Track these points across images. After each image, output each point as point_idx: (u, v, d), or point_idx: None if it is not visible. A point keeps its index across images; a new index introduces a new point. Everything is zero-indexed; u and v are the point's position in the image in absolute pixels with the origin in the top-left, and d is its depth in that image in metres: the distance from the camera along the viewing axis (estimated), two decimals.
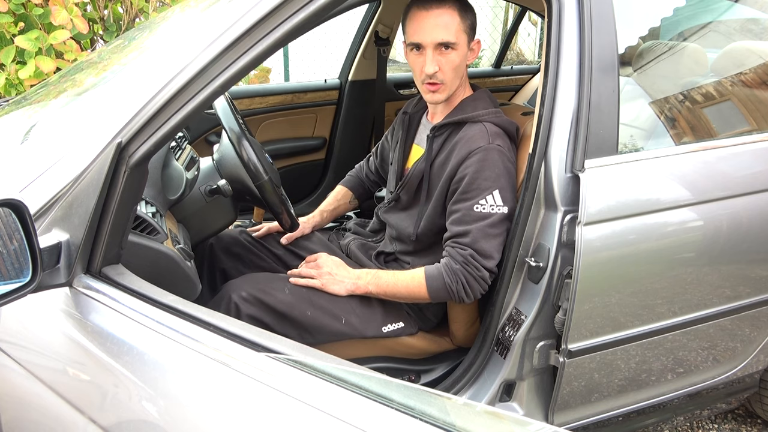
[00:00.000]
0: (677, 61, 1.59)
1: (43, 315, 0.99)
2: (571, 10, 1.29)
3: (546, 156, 1.30)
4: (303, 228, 1.76)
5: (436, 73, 1.40)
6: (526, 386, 1.44)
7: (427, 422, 0.70)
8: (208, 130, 2.61)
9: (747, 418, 2.10)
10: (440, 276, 1.40)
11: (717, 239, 1.42)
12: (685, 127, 1.49)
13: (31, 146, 1.15)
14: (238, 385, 0.81)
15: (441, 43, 1.37)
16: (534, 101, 1.73)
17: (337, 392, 0.76)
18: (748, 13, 1.82)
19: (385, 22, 2.68)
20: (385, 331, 1.51)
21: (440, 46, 1.38)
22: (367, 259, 1.65)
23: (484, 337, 1.44)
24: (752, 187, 1.45)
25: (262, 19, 0.99)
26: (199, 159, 1.64)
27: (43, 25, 2.98)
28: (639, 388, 1.54)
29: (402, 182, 1.57)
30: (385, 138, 1.82)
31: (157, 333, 0.89)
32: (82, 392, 0.93)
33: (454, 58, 1.40)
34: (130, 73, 1.22)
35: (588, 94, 1.27)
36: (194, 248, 1.52)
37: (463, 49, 1.41)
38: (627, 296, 1.37)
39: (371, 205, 1.98)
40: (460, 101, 1.50)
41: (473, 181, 1.38)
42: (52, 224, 0.96)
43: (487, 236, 1.37)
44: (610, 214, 1.29)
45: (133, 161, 0.97)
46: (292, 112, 2.81)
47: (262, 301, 1.39)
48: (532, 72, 3.31)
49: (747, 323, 1.59)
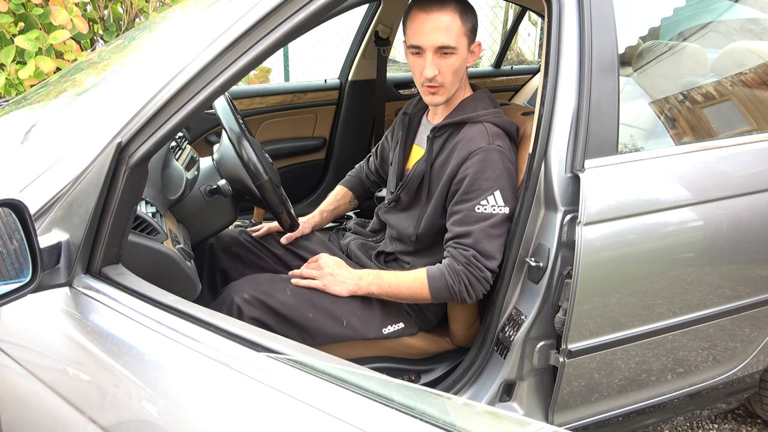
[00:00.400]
0: (677, 61, 1.59)
1: (43, 315, 0.99)
2: (571, 10, 1.29)
3: (546, 156, 1.30)
4: (303, 228, 1.76)
5: (436, 76, 1.39)
6: (526, 386, 1.44)
7: (427, 422, 0.70)
8: (208, 130, 2.61)
9: (747, 418, 2.10)
10: (442, 277, 1.40)
11: (717, 239, 1.42)
12: (685, 127, 1.49)
13: (31, 146, 1.15)
14: (238, 385, 0.81)
15: (441, 47, 1.36)
16: (534, 101, 1.73)
17: (338, 392, 0.76)
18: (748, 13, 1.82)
19: (385, 22, 2.68)
20: (385, 333, 1.51)
21: (440, 49, 1.37)
22: (367, 259, 1.65)
23: (484, 337, 1.44)
24: (752, 187, 1.45)
25: (262, 19, 0.99)
26: (199, 159, 1.64)
27: (43, 25, 2.98)
28: (639, 388, 1.54)
29: (402, 183, 1.57)
30: (385, 138, 1.82)
31: (157, 333, 0.88)
32: (82, 392, 0.93)
33: (454, 62, 1.39)
34: (130, 74, 1.22)
35: (588, 94, 1.27)
36: (194, 248, 1.52)
37: (464, 53, 1.40)
38: (627, 296, 1.37)
39: (371, 205, 1.98)
40: (460, 102, 1.50)
41: (474, 181, 1.38)
42: (52, 224, 0.96)
43: (489, 237, 1.37)
44: (610, 214, 1.29)
45: (133, 161, 0.97)
46: (292, 112, 2.81)
47: (264, 302, 1.39)
48: (532, 72, 3.31)
49: (747, 323, 1.59)
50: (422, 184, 1.52)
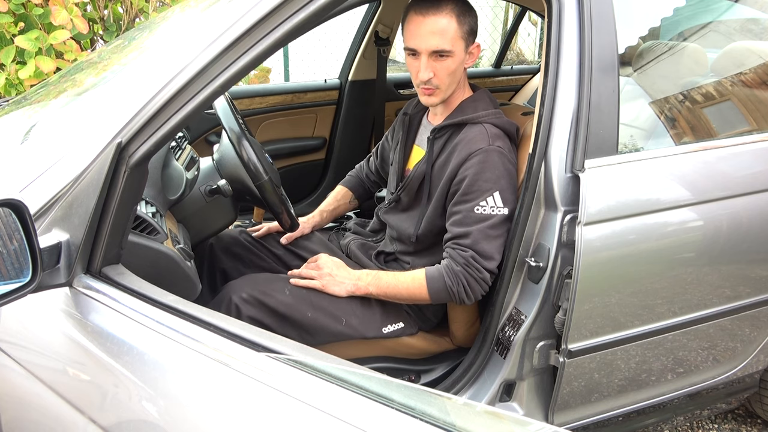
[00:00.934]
0: (677, 61, 1.59)
1: (43, 315, 0.99)
2: (571, 10, 1.29)
3: (546, 156, 1.30)
4: (303, 228, 1.76)
5: (431, 79, 1.39)
6: (526, 386, 1.44)
7: (427, 422, 0.70)
8: (208, 130, 2.61)
9: (747, 418, 2.10)
10: (441, 277, 1.40)
11: (717, 239, 1.42)
12: (685, 127, 1.49)
13: (31, 146, 1.15)
14: (238, 385, 0.81)
15: (436, 51, 1.36)
16: (534, 101, 1.73)
17: (338, 392, 0.76)
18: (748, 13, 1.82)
19: (385, 22, 2.68)
20: (385, 332, 1.51)
21: (435, 53, 1.36)
22: (367, 258, 1.65)
23: (484, 337, 1.44)
24: (752, 187, 1.45)
25: (262, 19, 0.99)
26: (199, 159, 1.64)
27: (43, 25, 2.98)
28: (639, 388, 1.54)
29: (403, 184, 1.57)
30: (386, 138, 1.82)
31: (157, 333, 0.88)
32: (82, 392, 0.93)
33: (450, 65, 1.39)
34: (130, 74, 1.22)
35: (588, 94, 1.27)
36: (194, 248, 1.52)
37: (460, 56, 1.40)
38: (627, 296, 1.37)
39: (371, 205, 1.98)
40: (460, 102, 1.50)
41: (474, 182, 1.38)
42: (52, 224, 0.96)
43: (487, 237, 1.37)
44: (610, 214, 1.29)
45: (133, 161, 0.97)
46: (292, 112, 2.81)
47: (262, 302, 1.39)
48: (532, 72, 3.31)
49: (747, 323, 1.59)
50: (423, 185, 1.52)
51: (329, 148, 2.95)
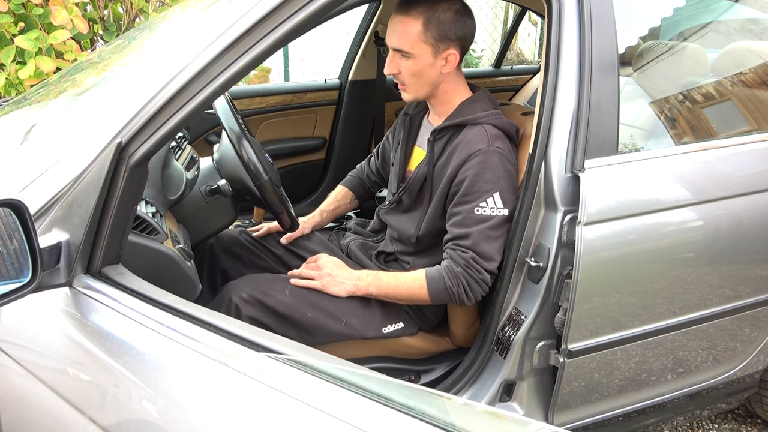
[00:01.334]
0: (677, 61, 1.59)
1: (43, 315, 0.99)
2: (571, 10, 1.29)
3: (546, 156, 1.30)
4: (303, 228, 1.76)
5: (397, 75, 1.44)
6: (526, 386, 1.44)
7: (427, 422, 0.70)
8: (208, 130, 2.61)
9: (747, 418, 2.10)
10: (441, 278, 1.40)
11: (717, 239, 1.42)
12: (685, 127, 1.49)
13: (31, 146, 1.15)
14: (238, 385, 0.81)
15: (396, 49, 1.41)
16: (534, 101, 1.73)
17: (337, 392, 0.76)
18: (748, 13, 1.82)
19: (385, 22, 2.67)
20: (385, 332, 1.51)
21: (397, 51, 1.41)
22: (367, 259, 1.65)
23: (484, 337, 1.44)
24: (752, 187, 1.45)
25: (262, 19, 0.99)
26: (199, 159, 1.64)
27: (43, 25, 2.98)
28: (639, 388, 1.54)
29: (405, 185, 1.57)
30: (386, 139, 1.82)
31: (157, 333, 0.89)
32: (82, 392, 0.93)
33: (411, 66, 1.40)
34: (130, 74, 1.22)
35: (588, 94, 1.27)
36: (194, 248, 1.52)
37: (425, 59, 1.39)
38: (627, 296, 1.37)
39: (372, 205, 1.97)
40: (460, 104, 1.50)
41: (473, 183, 1.38)
42: (52, 224, 0.96)
43: (488, 238, 1.37)
44: (610, 214, 1.29)
45: (133, 161, 0.97)
46: (292, 112, 2.81)
47: (262, 302, 1.39)
48: (532, 72, 3.31)
49: (747, 323, 1.59)
50: (424, 186, 1.52)
51: (329, 148, 2.95)
